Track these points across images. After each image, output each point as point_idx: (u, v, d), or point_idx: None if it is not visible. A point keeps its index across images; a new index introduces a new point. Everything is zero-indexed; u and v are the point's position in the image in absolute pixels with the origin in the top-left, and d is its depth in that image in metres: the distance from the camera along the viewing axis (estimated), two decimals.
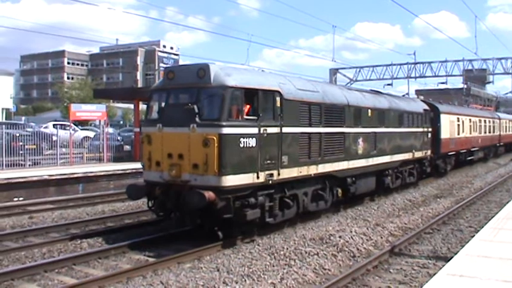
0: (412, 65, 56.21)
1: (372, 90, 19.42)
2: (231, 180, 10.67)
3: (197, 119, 10.77)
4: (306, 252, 10.32)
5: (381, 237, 12.14)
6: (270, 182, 11.63)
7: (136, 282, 8.67)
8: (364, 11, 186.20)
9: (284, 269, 9.28)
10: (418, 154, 21.11)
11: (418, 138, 21.05)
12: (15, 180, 18.87)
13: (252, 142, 11.07)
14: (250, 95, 11.25)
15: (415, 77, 56.77)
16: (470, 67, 54.31)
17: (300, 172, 12.75)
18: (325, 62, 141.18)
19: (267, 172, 11.51)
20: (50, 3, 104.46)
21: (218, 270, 9.18)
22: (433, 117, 23.55)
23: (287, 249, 10.54)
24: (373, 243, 11.57)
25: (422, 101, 23.96)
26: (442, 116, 24.59)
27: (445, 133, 24.74)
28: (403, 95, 26.75)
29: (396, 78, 56.66)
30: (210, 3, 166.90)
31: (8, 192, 18.24)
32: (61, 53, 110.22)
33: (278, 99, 11.88)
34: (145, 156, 11.76)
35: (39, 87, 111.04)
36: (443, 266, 8.24)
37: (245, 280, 8.61)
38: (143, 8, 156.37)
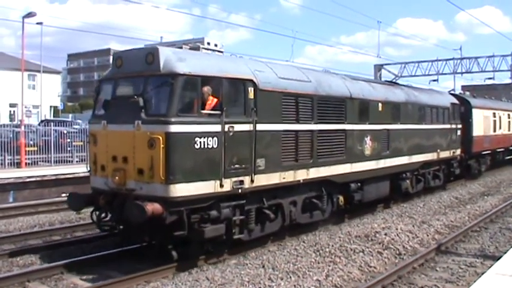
0: (458, 61, 52.45)
1: (386, 81, 16.48)
2: (182, 190, 8.26)
3: (143, 115, 8.41)
4: (351, 250, 9.91)
5: (427, 235, 11.50)
6: (240, 190, 9.13)
7: None
8: (406, 7, 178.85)
9: (329, 266, 8.93)
10: (445, 154, 17.97)
11: (444, 136, 17.90)
12: (63, 177, 18.51)
13: (213, 142, 8.60)
14: (212, 84, 8.77)
15: (461, 73, 53.05)
16: None
17: (284, 178, 10.16)
18: (368, 58, 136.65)
19: (235, 179, 9.02)
20: (95, 3, 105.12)
21: (263, 266, 8.89)
22: (463, 113, 20.32)
23: (332, 246, 10.14)
24: (419, 241, 10.98)
25: (451, 94, 20.64)
26: (475, 111, 21.25)
27: (478, 130, 21.40)
28: (449, 91, 23.28)
29: (442, 74, 53.24)
30: (251, 1, 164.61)
31: (57, 188, 17.93)
32: (106, 51, 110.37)
33: (251, 89, 9.34)
34: (91, 159, 9.49)
35: (86, 85, 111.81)
36: (492, 265, 8.00)
37: (290, 277, 8.28)
38: (186, 6, 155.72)
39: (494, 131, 23.96)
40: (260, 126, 9.44)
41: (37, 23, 41.32)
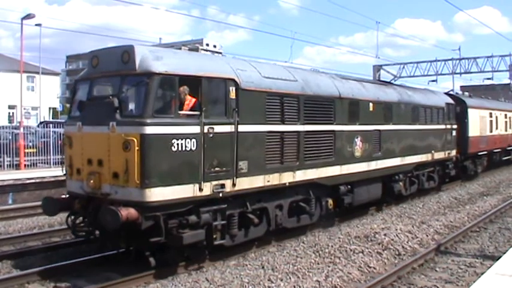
0: (457, 61, 52.06)
1: (379, 81, 16.05)
2: (159, 194, 7.86)
3: (117, 116, 8.00)
4: (350, 250, 9.82)
5: (427, 236, 11.39)
6: (221, 194, 8.71)
7: None
8: (404, 7, 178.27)
9: (329, 266, 8.85)
10: (439, 155, 17.53)
11: (438, 137, 17.46)
12: (62, 178, 18.13)
13: (191, 144, 8.19)
14: (190, 84, 8.37)
15: (460, 73, 52.69)
16: None
17: (268, 181, 9.75)
18: (367, 59, 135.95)
19: (216, 182, 8.61)
20: (94, 5, 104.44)
21: (263, 267, 8.82)
22: (459, 113, 19.86)
23: (332, 246, 10.06)
24: (418, 242, 10.88)
25: (446, 93, 20.17)
26: (470, 111, 20.79)
27: (474, 130, 20.94)
28: (448, 91, 22.85)
29: (441, 74, 52.96)
30: (250, 2, 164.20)
31: (56, 190, 17.12)
32: None
33: (232, 89, 8.93)
34: (66, 162, 9.09)
35: None
36: (491, 265, 7.97)
37: (290, 278, 8.19)
38: (185, 8, 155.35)
39: (491, 131, 23.50)
40: (242, 128, 9.03)
41: (36, 25, 41.05)
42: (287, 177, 10.21)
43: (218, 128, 8.60)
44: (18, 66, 31.45)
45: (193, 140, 8.21)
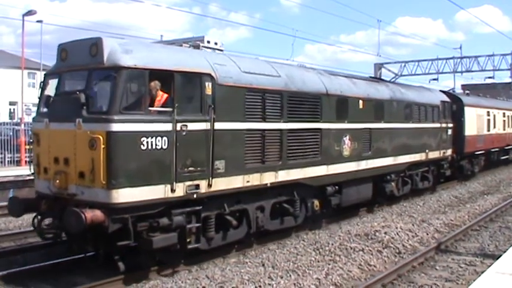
0: (458, 60, 51.49)
1: (371, 77, 15.49)
2: (127, 195, 7.37)
3: (84, 112, 7.51)
4: (351, 248, 9.77)
5: (427, 234, 11.32)
6: (195, 196, 8.21)
7: None
8: (405, 5, 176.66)
9: (329, 264, 8.80)
10: (434, 154, 16.96)
11: (433, 136, 16.88)
12: None
13: (162, 143, 7.70)
14: (162, 78, 7.85)
15: (461, 72, 52.21)
16: None
17: (248, 182, 9.23)
18: (368, 57, 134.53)
19: (190, 183, 8.12)
20: (95, 2, 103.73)
21: (263, 265, 8.76)
22: (455, 111, 19.28)
23: (332, 244, 9.97)
24: (418, 240, 10.81)
25: (441, 91, 19.56)
26: (467, 109, 20.19)
27: (470, 129, 20.35)
28: (449, 90, 22.25)
29: (442, 72, 52.43)
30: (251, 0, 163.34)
31: None
32: None
33: (208, 84, 8.41)
34: (34, 160, 8.60)
35: None
36: (492, 264, 7.91)
37: (290, 275, 8.13)
38: (187, 5, 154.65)
39: (488, 130, 22.89)
40: (219, 125, 8.51)
41: (37, 21, 40.52)
42: (269, 178, 9.69)
43: (192, 126, 8.09)
44: (19, 62, 31.13)
45: (165, 138, 7.71)
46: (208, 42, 9.91)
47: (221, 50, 10.11)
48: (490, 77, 51.35)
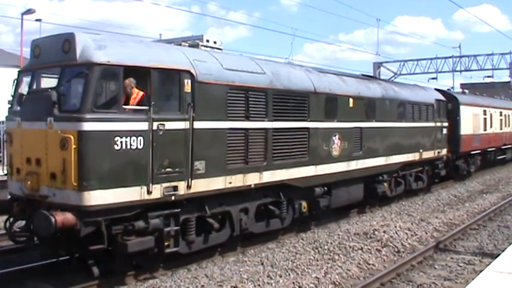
0: (457, 59, 51.26)
1: (363, 75, 15.13)
2: (99, 198, 7.04)
3: (55, 111, 7.17)
4: (350, 247, 9.77)
5: (426, 233, 11.33)
6: (173, 198, 7.87)
7: None
8: (404, 4, 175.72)
9: (328, 263, 8.82)
10: (428, 154, 16.60)
11: (427, 135, 16.52)
12: None
13: (137, 143, 7.37)
14: (138, 76, 7.51)
15: (460, 71, 52.00)
16: None
17: (230, 183, 8.89)
18: (367, 56, 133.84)
19: (167, 185, 7.78)
20: (94, 1, 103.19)
21: (262, 264, 8.78)
22: (451, 110, 18.92)
23: (331, 243, 10.01)
24: (417, 239, 10.81)
25: (436, 90, 19.18)
26: (463, 108, 19.82)
27: (466, 128, 19.99)
28: (448, 89, 21.90)
29: (441, 72, 52.27)
30: None
31: None
32: None
33: (187, 82, 8.07)
34: (8, 161, 8.26)
35: None
36: (490, 263, 7.79)
37: (289, 274, 8.16)
38: (186, 4, 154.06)
39: (485, 129, 22.53)
40: (199, 124, 8.18)
41: (36, 20, 40.18)
42: (252, 179, 9.35)
43: (170, 125, 7.75)
44: (18, 61, 30.72)
45: (140, 137, 7.37)
46: (208, 41, 9.72)
47: (220, 49, 9.86)
48: (489, 76, 51.02)
